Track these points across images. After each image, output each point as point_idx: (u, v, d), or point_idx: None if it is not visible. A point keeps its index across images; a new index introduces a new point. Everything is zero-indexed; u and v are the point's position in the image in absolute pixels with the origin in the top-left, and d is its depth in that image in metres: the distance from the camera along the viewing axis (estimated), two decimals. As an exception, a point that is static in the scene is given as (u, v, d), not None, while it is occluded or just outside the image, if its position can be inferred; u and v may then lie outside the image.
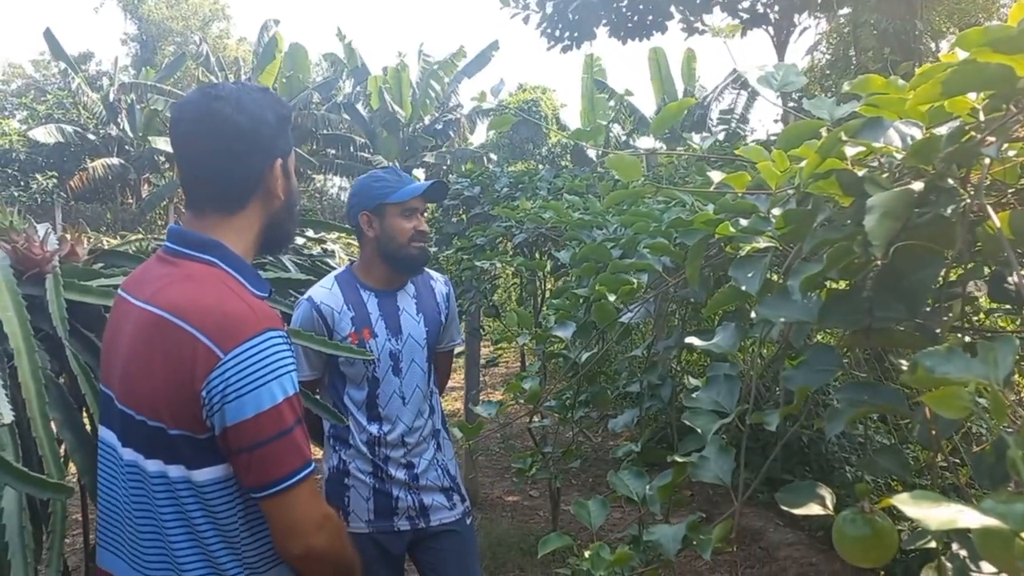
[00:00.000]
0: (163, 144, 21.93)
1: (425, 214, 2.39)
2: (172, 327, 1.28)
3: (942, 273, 0.87)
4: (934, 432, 0.80)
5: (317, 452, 2.17)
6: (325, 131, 23.03)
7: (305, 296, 2.32)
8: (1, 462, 1.34)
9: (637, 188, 1.33)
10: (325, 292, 2.31)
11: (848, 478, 3.79)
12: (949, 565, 0.77)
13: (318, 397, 2.28)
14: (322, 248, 3.60)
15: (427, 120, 24.17)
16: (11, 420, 1.35)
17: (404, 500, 2.30)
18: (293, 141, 1.51)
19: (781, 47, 11.17)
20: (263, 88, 1.47)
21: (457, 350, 2.73)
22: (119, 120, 23.51)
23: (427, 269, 2.53)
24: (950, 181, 0.86)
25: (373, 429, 2.27)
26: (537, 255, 3.97)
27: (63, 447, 1.72)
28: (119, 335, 1.39)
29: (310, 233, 3.44)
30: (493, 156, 23.33)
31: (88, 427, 1.80)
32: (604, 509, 1.06)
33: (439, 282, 2.51)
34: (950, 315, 0.91)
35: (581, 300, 1.69)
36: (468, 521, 2.45)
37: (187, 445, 1.30)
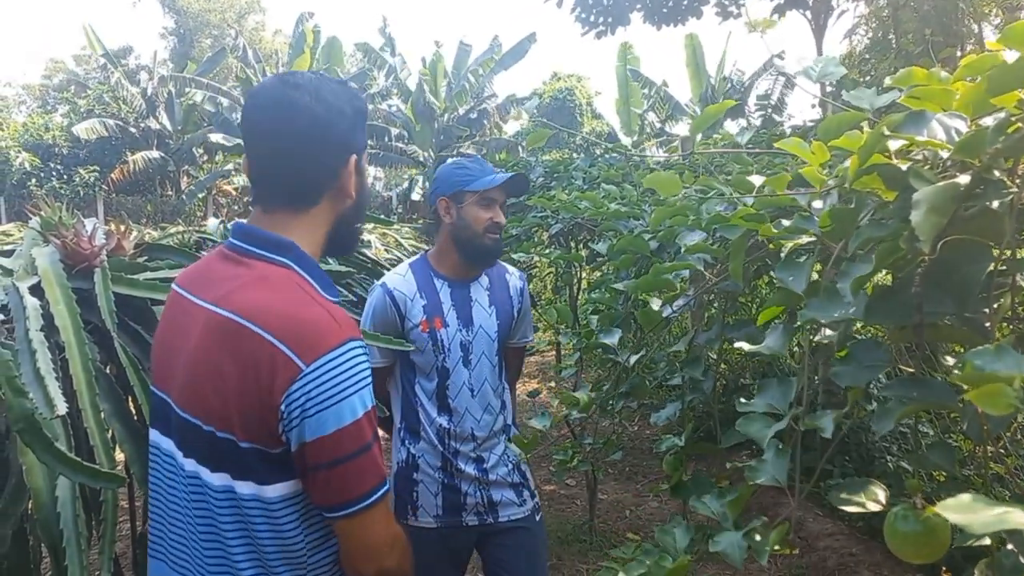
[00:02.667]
0: (203, 136, 22.26)
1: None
2: (246, 333, 1.18)
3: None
4: (985, 427, 0.80)
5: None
6: (360, 121, 23.04)
7: (379, 282, 2.32)
8: (56, 452, 1.37)
9: (679, 205, 1.32)
10: (399, 279, 2.31)
11: (889, 468, 3.74)
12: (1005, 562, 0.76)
13: (389, 390, 2.33)
14: (359, 239, 3.61)
15: (462, 110, 24.15)
16: (66, 411, 1.39)
17: (473, 496, 2.28)
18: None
19: (819, 31, 10.96)
20: (341, 80, 1.38)
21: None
22: (158, 113, 23.86)
23: (503, 263, 2.50)
24: (997, 173, 0.85)
25: (443, 421, 2.26)
26: (573, 245, 3.96)
27: (110, 435, 1.76)
28: (179, 337, 1.30)
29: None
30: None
31: (135, 417, 1.85)
32: (687, 534, 1.04)
33: (514, 276, 2.48)
34: (997, 306, 0.90)
35: (619, 294, 1.68)
36: (537, 517, 2.42)
37: (258, 459, 1.21)
